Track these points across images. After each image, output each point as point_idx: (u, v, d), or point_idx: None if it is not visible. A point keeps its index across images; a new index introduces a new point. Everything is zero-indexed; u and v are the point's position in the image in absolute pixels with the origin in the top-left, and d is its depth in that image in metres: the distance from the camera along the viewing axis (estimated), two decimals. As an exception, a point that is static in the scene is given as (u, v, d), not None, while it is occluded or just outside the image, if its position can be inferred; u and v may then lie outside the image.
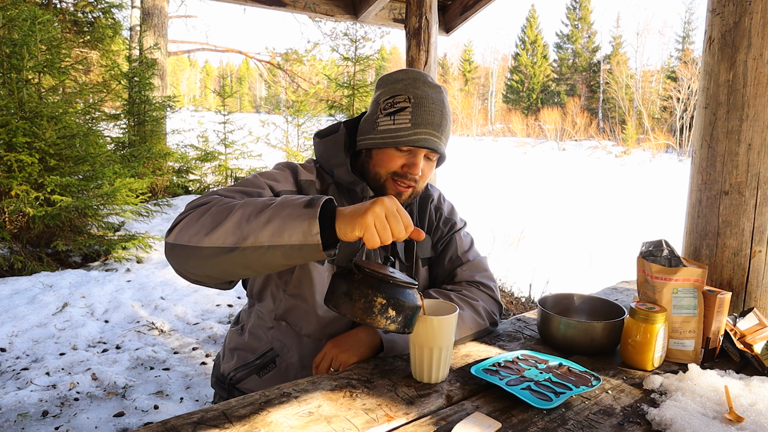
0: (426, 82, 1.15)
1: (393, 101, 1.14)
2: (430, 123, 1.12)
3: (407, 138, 1.11)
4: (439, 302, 1.04)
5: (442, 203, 1.36)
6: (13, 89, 3.91)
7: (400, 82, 1.16)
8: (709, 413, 0.87)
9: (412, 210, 1.30)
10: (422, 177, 1.17)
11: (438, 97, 1.15)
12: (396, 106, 1.13)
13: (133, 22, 8.82)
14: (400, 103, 1.13)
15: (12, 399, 2.23)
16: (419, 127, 1.11)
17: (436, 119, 1.12)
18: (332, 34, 10.40)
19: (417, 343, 0.97)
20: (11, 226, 4.05)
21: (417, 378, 0.99)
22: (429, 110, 1.12)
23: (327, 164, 1.22)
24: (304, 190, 1.16)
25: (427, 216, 1.32)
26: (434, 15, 3.34)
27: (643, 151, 30.47)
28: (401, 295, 0.87)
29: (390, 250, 1.24)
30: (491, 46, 73.71)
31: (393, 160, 1.14)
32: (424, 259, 1.30)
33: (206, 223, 0.90)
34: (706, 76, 1.31)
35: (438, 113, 1.13)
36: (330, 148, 1.21)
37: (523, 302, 4.25)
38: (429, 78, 1.17)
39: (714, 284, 1.30)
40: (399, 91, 1.14)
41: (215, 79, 65.78)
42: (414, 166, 1.13)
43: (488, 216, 9.22)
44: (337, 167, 1.19)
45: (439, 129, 1.13)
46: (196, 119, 9.80)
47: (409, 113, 1.12)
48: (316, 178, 1.19)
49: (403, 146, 1.12)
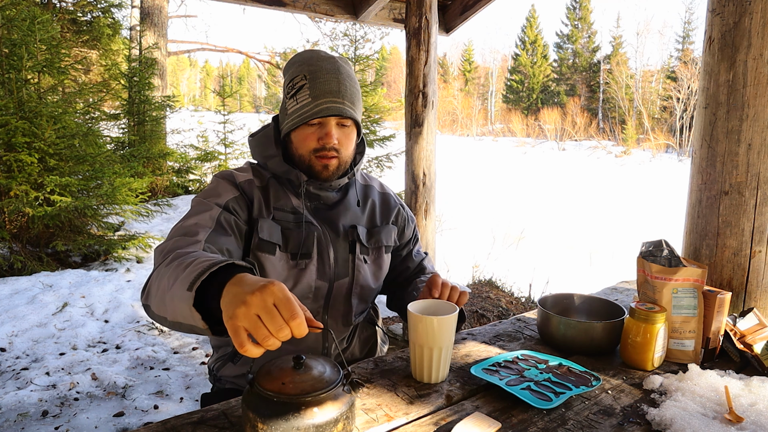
0: (319, 57, 1.18)
1: (293, 83, 1.18)
2: (328, 91, 1.14)
3: (311, 111, 1.14)
4: (439, 302, 1.04)
5: (403, 203, 1.43)
6: (13, 89, 3.91)
7: (294, 65, 1.19)
8: (709, 413, 0.87)
9: (375, 204, 1.33)
10: (342, 145, 1.19)
11: (332, 66, 1.17)
12: (296, 87, 1.17)
13: (133, 21, 8.81)
14: (298, 83, 1.17)
15: (12, 399, 2.23)
16: (318, 98, 1.14)
17: (333, 86, 1.15)
18: (332, 34, 10.40)
19: (417, 343, 0.97)
20: (11, 226, 4.05)
21: (417, 378, 0.99)
22: (324, 80, 1.15)
23: (261, 160, 1.24)
24: (247, 192, 1.17)
25: (393, 211, 1.36)
26: (434, 15, 3.34)
27: (643, 151, 30.47)
28: (297, 420, 0.67)
29: (351, 234, 1.24)
30: (491, 46, 73.72)
31: (308, 138, 1.17)
32: (387, 246, 1.32)
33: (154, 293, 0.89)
34: (706, 76, 1.31)
35: (334, 81, 1.15)
36: (261, 143, 1.25)
37: (523, 302, 4.25)
38: (323, 53, 1.20)
39: (714, 284, 1.30)
40: (295, 72, 1.18)
41: (215, 79, 65.79)
42: (327, 136, 1.15)
43: (488, 216, 9.22)
44: (269, 159, 1.22)
45: (339, 94, 1.15)
46: (196, 119, 9.80)
47: (308, 89, 1.15)
48: (253, 176, 1.21)
49: (310, 121, 1.15)
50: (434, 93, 3.42)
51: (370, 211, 1.32)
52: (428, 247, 3.66)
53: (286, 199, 1.20)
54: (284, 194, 1.21)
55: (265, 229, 1.14)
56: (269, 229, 1.15)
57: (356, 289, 1.25)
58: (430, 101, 3.40)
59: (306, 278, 1.18)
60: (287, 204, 1.20)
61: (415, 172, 3.47)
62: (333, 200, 1.26)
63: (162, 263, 0.94)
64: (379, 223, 1.33)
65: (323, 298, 1.22)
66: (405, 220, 1.40)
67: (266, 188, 1.21)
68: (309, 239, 1.18)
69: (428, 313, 0.99)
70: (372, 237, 1.28)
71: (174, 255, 0.93)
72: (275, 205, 1.19)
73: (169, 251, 0.98)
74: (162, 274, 0.89)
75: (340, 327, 1.26)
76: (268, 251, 1.15)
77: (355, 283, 1.25)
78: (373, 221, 1.32)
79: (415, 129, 3.43)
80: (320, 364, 0.75)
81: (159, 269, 0.93)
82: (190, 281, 0.77)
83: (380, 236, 1.30)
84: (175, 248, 0.98)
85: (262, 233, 1.14)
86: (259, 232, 1.14)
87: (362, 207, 1.31)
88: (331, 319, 1.25)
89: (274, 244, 1.15)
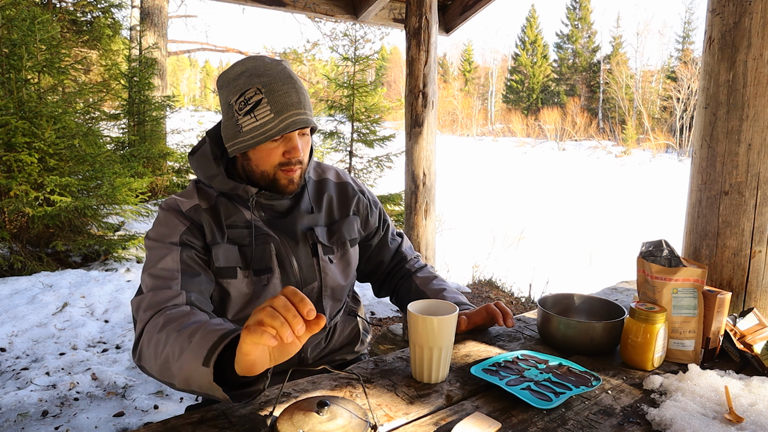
0: (266, 65, 1.10)
1: (245, 99, 1.08)
2: (290, 104, 1.07)
3: (276, 128, 1.07)
4: (439, 302, 1.04)
5: (363, 187, 1.37)
6: (13, 89, 3.91)
7: (241, 77, 1.10)
8: (709, 413, 0.87)
9: (331, 198, 1.28)
10: (305, 154, 1.15)
11: (284, 75, 1.09)
12: (250, 102, 1.08)
13: (133, 21, 8.81)
14: (252, 97, 1.08)
15: (12, 399, 2.23)
16: (282, 113, 1.07)
17: (293, 98, 1.08)
18: (332, 34, 10.40)
19: (417, 343, 0.97)
20: (11, 226, 4.05)
21: (417, 378, 0.99)
22: (283, 92, 1.07)
23: (205, 180, 1.17)
24: (195, 220, 1.12)
25: (352, 200, 1.31)
26: (434, 15, 3.34)
27: (643, 151, 30.47)
28: None
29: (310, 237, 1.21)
30: (491, 46, 73.71)
31: (272, 154, 1.11)
32: (352, 240, 1.28)
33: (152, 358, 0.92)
34: (706, 76, 1.31)
35: (293, 91, 1.08)
36: (201, 163, 1.17)
37: (523, 302, 4.25)
38: (267, 58, 1.12)
39: (714, 284, 1.30)
40: (245, 85, 1.09)
41: (215, 79, 65.72)
42: (293, 150, 1.10)
43: (488, 216, 9.22)
44: (212, 179, 1.15)
45: (300, 105, 1.08)
46: (196, 119, 9.82)
47: (267, 103, 1.07)
48: (198, 201, 1.15)
49: (276, 137, 1.08)
50: (434, 93, 3.42)
51: (327, 206, 1.27)
52: (428, 247, 3.66)
53: (238, 215, 1.16)
54: (235, 209, 1.16)
55: (221, 256, 1.11)
56: (224, 254, 1.12)
57: (326, 291, 1.22)
58: (430, 101, 3.40)
59: (271, 292, 1.15)
60: (240, 219, 1.16)
61: (415, 172, 3.48)
62: (285, 206, 1.21)
63: (150, 325, 0.95)
64: (338, 217, 1.28)
65: None
66: (367, 207, 1.34)
67: (215, 208, 1.15)
68: (266, 253, 1.15)
69: (428, 313, 0.99)
70: (333, 234, 1.25)
71: (165, 318, 0.94)
72: (228, 223, 1.15)
73: (150, 307, 0.99)
74: (159, 340, 0.91)
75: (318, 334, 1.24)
76: (229, 276, 1.12)
77: (324, 286, 1.22)
78: (332, 217, 1.27)
79: (415, 129, 3.43)
80: (346, 411, 0.74)
81: (150, 333, 0.94)
82: (203, 355, 0.80)
83: (341, 231, 1.26)
84: (156, 304, 0.99)
85: (218, 261, 1.11)
86: (215, 261, 1.11)
87: (317, 205, 1.26)
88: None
89: (233, 267, 1.12)
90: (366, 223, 1.34)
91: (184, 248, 1.08)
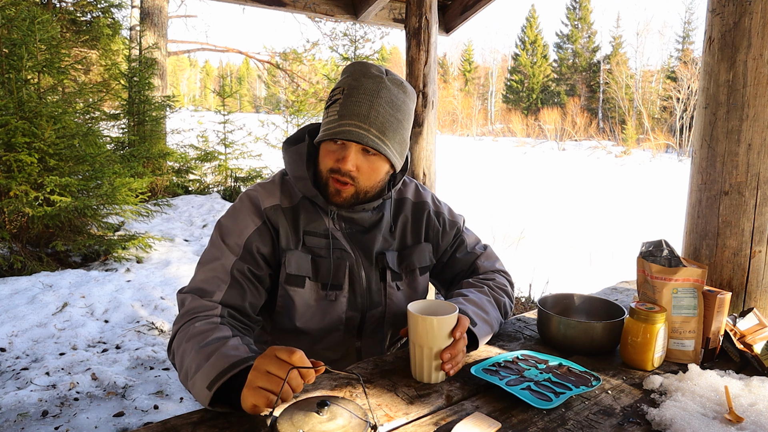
0: (365, 73, 1.07)
1: (333, 94, 1.09)
2: (355, 114, 1.03)
3: (333, 129, 1.04)
4: (439, 302, 1.04)
5: (440, 207, 1.30)
6: (13, 89, 3.91)
7: (343, 74, 1.10)
8: (709, 413, 0.87)
9: (407, 220, 1.23)
10: (363, 173, 1.07)
11: (373, 87, 1.05)
12: (332, 99, 1.08)
13: (133, 21, 8.81)
14: (336, 95, 1.07)
15: (12, 399, 2.23)
16: (344, 118, 1.04)
17: (363, 110, 1.03)
18: (332, 34, 10.39)
19: (417, 343, 0.97)
20: (11, 226, 4.05)
21: (417, 378, 0.99)
22: (356, 100, 1.04)
23: (292, 179, 1.14)
24: (272, 220, 1.09)
25: (425, 224, 1.25)
26: (434, 15, 3.34)
27: (643, 151, 30.47)
28: None
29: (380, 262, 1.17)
30: (491, 46, 73.70)
31: (328, 155, 1.08)
32: (422, 268, 1.24)
33: (179, 363, 0.95)
34: (706, 76, 1.31)
35: (366, 103, 1.04)
36: (293, 160, 1.14)
37: (523, 302, 4.25)
38: (374, 69, 1.09)
39: (714, 284, 1.30)
40: (339, 83, 1.09)
41: (215, 79, 65.77)
42: (343, 160, 1.04)
43: (488, 216, 9.22)
44: (298, 182, 1.12)
45: (366, 120, 1.03)
46: (195, 119, 9.79)
47: (339, 104, 1.05)
48: (280, 199, 1.12)
49: (332, 138, 1.05)
50: (434, 93, 3.42)
51: (401, 230, 1.22)
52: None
53: (318, 221, 1.13)
54: (317, 215, 1.13)
55: (293, 263, 1.09)
56: (297, 261, 1.09)
57: (389, 317, 1.20)
58: (430, 101, 3.40)
59: (336, 310, 1.14)
60: (319, 226, 1.13)
61: (415, 172, 3.48)
62: (368, 222, 1.17)
63: (182, 332, 0.97)
64: (410, 243, 1.23)
65: (355, 328, 1.18)
66: (438, 231, 1.27)
67: (296, 210, 1.12)
68: (340, 269, 1.12)
69: (428, 313, 0.99)
70: (403, 261, 1.20)
71: (193, 330, 0.95)
72: (306, 229, 1.12)
73: (187, 313, 1.00)
74: (185, 351, 0.93)
75: (374, 354, 1.23)
76: (297, 284, 1.10)
77: (388, 312, 1.19)
78: (404, 242, 1.22)
79: (415, 129, 3.43)
80: (346, 411, 0.74)
81: (180, 339, 0.96)
82: (210, 380, 0.83)
83: (412, 259, 1.21)
84: (192, 311, 1.00)
85: (290, 268, 1.09)
86: (286, 266, 1.09)
87: (392, 226, 1.21)
88: (365, 348, 1.21)
89: (303, 276, 1.10)
90: (437, 249, 1.29)
91: (243, 257, 1.06)
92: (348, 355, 1.21)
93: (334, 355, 1.19)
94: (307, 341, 1.16)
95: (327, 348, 1.17)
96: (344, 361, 1.20)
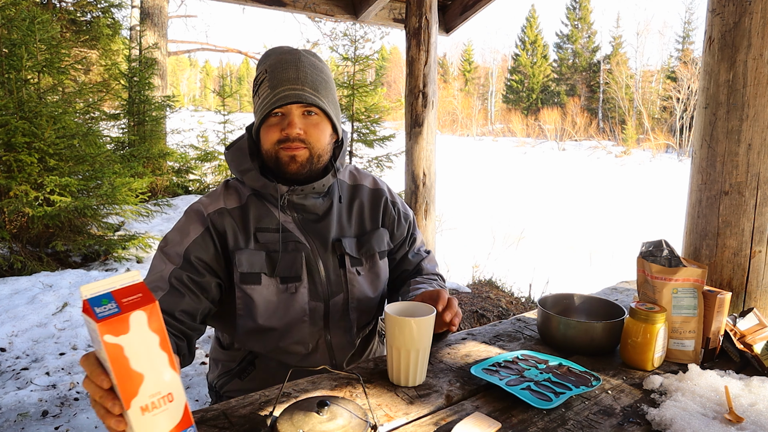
0: (280, 50, 1.14)
1: (257, 79, 1.14)
2: (286, 79, 1.08)
3: (270, 101, 1.08)
4: (417, 304, 1.02)
5: (395, 198, 1.33)
6: (12, 89, 3.91)
7: (259, 65, 1.16)
8: (709, 413, 0.87)
9: (363, 206, 1.26)
10: (310, 135, 1.10)
11: (292, 57, 1.12)
12: (258, 83, 1.13)
13: (133, 21, 8.81)
14: (260, 78, 1.13)
15: (12, 399, 2.23)
16: (276, 88, 1.08)
17: (291, 74, 1.09)
18: (332, 34, 10.39)
19: (394, 346, 0.94)
20: (11, 226, 4.05)
21: (394, 381, 0.97)
22: (282, 68, 1.10)
23: (239, 175, 1.15)
24: (216, 225, 1.10)
25: (382, 210, 1.28)
26: (434, 15, 3.34)
27: (643, 151, 30.47)
28: None
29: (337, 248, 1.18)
30: (491, 46, 73.67)
31: (271, 130, 1.10)
32: (381, 252, 1.25)
33: None
34: (706, 76, 1.31)
35: (292, 68, 1.09)
36: (236, 156, 1.16)
37: (523, 302, 4.25)
38: (285, 47, 1.16)
39: (714, 284, 1.30)
40: (258, 71, 1.15)
41: (215, 79, 65.80)
42: (289, 125, 1.08)
43: (488, 216, 9.22)
44: (245, 174, 1.14)
45: (297, 81, 1.08)
46: (196, 119, 9.81)
47: (267, 81, 1.10)
48: (224, 202, 1.13)
49: (272, 111, 1.09)
50: (434, 93, 3.42)
51: (358, 215, 1.24)
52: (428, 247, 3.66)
53: (269, 217, 1.14)
54: (266, 211, 1.14)
55: (244, 261, 1.10)
56: (249, 259, 1.10)
57: (353, 303, 1.20)
58: (430, 101, 3.40)
59: (299, 302, 1.13)
60: (271, 222, 1.13)
61: (415, 172, 3.48)
62: (320, 209, 1.18)
63: None
64: (369, 228, 1.24)
65: (321, 319, 1.17)
66: (394, 220, 1.30)
67: (245, 208, 1.13)
68: (297, 261, 1.12)
69: (406, 315, 0.97)
70: (362, 246, 1.21)
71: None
72: (258, 226, 1.13)
73: None
74: None
75: (345, 344, 1.22)
76: (252, 282, 1.10)
77: (351, 298, 1.19)
78: (363, 227, 1.24)
79: (415, 129, 3.43)
80: (346, 411, 0.74)
81: None
82: None
83: (371, 243, 1.22)
84: None
85: (242, 267, 1.09)
86: (238, 266, 1.09)
87: (348, 212, 1.23)
88: (334, 339, 1.20)
89: (257, 273, 1.10)
90: (392, 236, 1.30)
91: (182, 266, 1.06)
92: (318, 348, 1.19)
93: (304, 349, 1.18)
94: (274, 338, 1.15)
95: (296, 342, 1.16)
96: (315, 354, 1.19)
